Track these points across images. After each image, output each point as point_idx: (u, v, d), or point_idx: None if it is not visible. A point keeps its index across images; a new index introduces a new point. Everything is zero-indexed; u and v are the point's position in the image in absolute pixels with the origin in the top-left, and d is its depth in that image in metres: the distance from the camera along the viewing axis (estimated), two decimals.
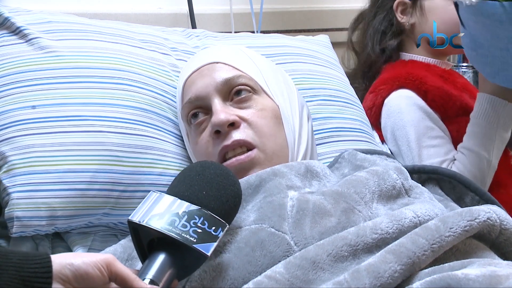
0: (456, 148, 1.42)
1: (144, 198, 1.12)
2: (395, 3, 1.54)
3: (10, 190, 1.07)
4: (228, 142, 1.07)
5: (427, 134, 1.41)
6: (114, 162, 1.12)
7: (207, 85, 1.12)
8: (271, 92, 1.16)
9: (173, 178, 1.14)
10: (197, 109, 1.13)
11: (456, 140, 1.44)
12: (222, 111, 1.08)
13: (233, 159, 1.07)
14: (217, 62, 1.15)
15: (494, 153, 1.37)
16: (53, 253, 1.11)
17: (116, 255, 1.00)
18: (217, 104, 1.10)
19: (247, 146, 1.08)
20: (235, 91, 1.12)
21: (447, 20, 1.45)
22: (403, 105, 1.43)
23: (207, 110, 1.12)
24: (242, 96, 1.12)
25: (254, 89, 1.14)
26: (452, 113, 1.45)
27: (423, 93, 1.43)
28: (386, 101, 1.46)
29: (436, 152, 1.40)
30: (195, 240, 0.80)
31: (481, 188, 1.11)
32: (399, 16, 1.54)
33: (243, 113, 1.10)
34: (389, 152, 1.44)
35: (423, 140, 1.40)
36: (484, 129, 1.35)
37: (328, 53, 1.52)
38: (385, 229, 0.90)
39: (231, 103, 1.12)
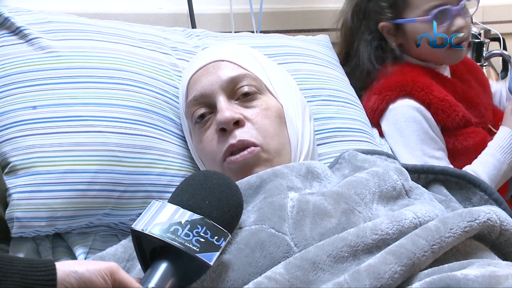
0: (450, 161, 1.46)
1: (144, 198, 1.14)
2: (380, 27, 1.52)
3: (11, 191, 1.07)
4: (234, 141, 1.07)
5: (431, 145, 1.43)
6: (114, 163, 1.12)
7: (212, 83, 1.12)
8: (275, 92, 1.16)
9: (174, 178, 1.16)
10: (201, 107, 1.13)
11: (450, 152, 1.47)
12: (228, 109, 1.09)
13: (237, 155, 1.07)
14: (223, 60, 1.15)
15: (496, 184, 1.42)
16: (53, 253, 1.11)
17: (117, 255, 1.00)
18: (222, 102, 1.10)
19: (251, 146, 1.08)
20: (240, 90, 1.12)
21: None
22: (410, 114, 1.43)
23: (212, 108, 1.12)
24: (247, 95, 1.12)
25: (259, 88, 1.14)
26: (452, 126, 1.46)
27: (427, 105, 1.44)
28: (391, 107, 1.46)
29: (438, 164, 1.41)
30: (197, 250, 0.80)
31: (491, 187, 1.11)
32: (387, 37, 1.53)
33: (248, 112, 1.10)
34: (389, 151, 1.44)
35: (427, 151, 1.42)
36: (498, 162, 1.41)
37: (328, 53, 1.52)
38: (385, 230, 0.90)
39: (236, 101, 1.12)
